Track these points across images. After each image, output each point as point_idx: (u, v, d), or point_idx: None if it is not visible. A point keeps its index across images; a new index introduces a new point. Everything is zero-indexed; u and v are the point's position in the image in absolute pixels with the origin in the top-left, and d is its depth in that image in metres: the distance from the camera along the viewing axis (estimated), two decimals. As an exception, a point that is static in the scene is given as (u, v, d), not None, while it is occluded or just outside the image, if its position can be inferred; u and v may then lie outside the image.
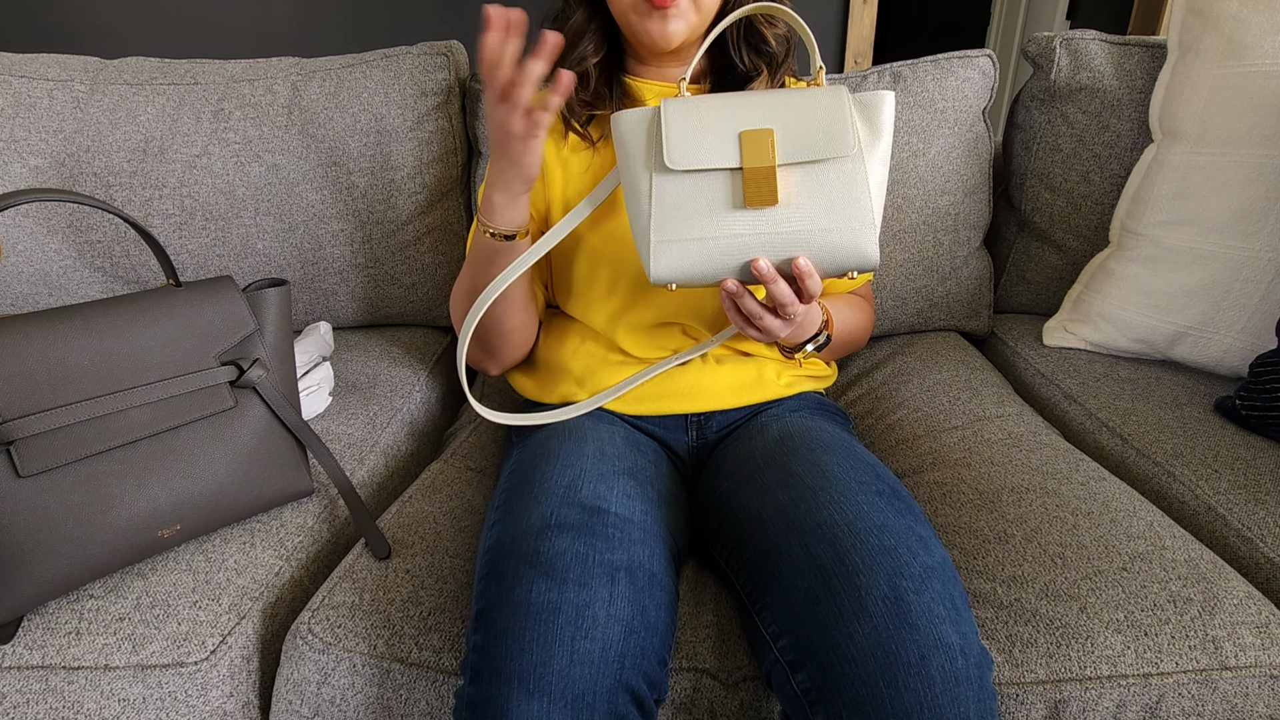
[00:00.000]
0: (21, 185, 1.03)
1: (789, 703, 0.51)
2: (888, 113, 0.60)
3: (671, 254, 0.60)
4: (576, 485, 0.59)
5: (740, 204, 0.59)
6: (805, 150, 0.58)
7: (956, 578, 0.52)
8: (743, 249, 0.59)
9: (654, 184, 0.60)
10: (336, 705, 0.60)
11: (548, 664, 0.48)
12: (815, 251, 0.59)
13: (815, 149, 0.58)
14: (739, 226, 0.59)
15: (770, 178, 0.58)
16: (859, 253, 0.59)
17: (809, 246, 0.58)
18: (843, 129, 0.58)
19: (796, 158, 0.58)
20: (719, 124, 0.59)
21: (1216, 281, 0.89)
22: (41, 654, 0.59)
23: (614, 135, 0.63)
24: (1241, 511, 0.70)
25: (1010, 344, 1.09)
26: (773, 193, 0.58)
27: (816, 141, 0.58)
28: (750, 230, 0.59)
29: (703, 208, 0.59)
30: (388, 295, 1.14)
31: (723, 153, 0.59)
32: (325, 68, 1.08)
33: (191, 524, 0.66)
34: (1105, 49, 1.04)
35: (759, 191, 0.58)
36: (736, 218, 0.59)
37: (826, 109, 0.59)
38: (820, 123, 0.59)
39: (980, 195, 1.08)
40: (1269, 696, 0.56)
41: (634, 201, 0.62)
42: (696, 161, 0.59)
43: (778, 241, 0.59)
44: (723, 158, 0.59)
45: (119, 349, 0.62)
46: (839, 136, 0.58)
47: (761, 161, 0.58)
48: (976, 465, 0.77)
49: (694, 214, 0.59)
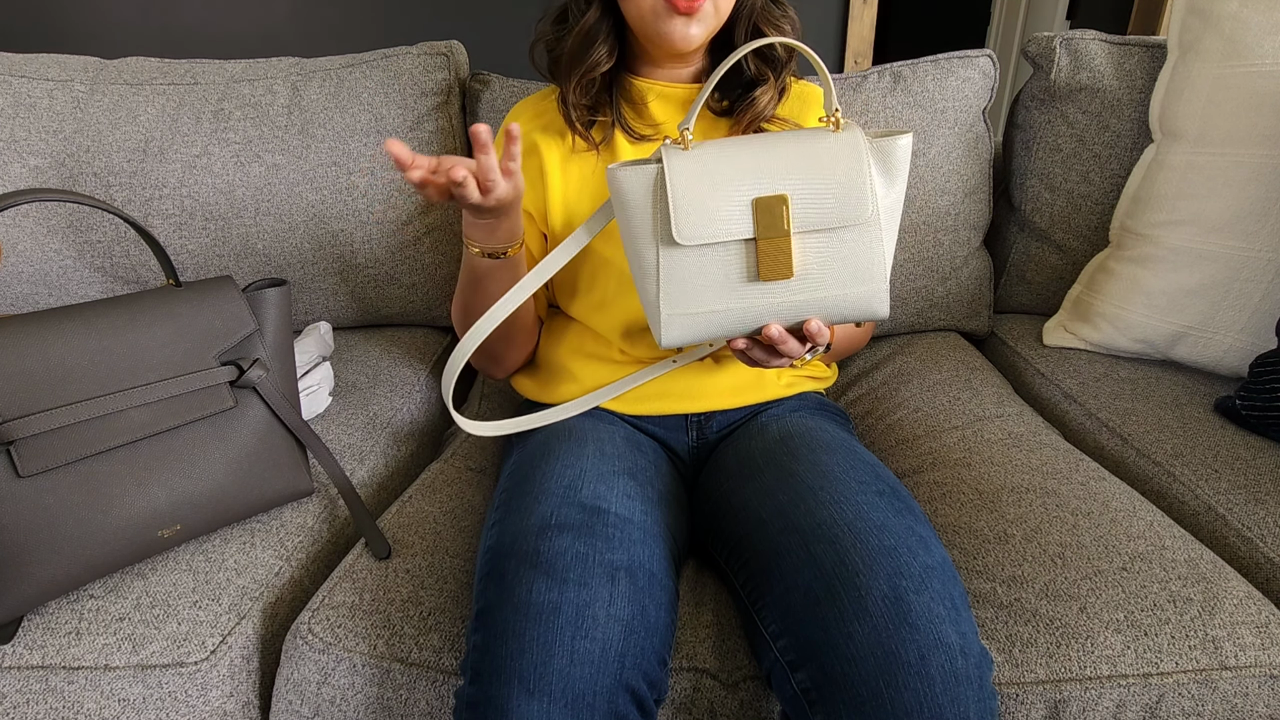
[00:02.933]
0: (21, 185, 1.03)
1: (789, 703, 0.51)
2: (904, 156, 0.57)
3: (681, 326, 0.58)
4: (577, 485, 0.59)
5: (754, 276, 0.56)
6: (820, 218, 0.55)
7: (956, 578, 0.52)
8: (756, 318, 0.58)
9: (661, 256, 0.57)
10: (336, 705, 0.60)
11: (548, 664, 0.48)
12: (826, 313, 0.58)
13: (831, 216, 0.55)
14: (752, 299, 0.57)
15: (785, 250, 0.55)
16: (871, 310, 0.58)
17: (821, 310, 0.57)
18: (861, 194, 0.55)
19: (812, 226, 0.56)
20: (729, 188, 0.55)
21: (1216, 281, 0.89)
22: (41, 654, 0.59)
23: (612, 193, 0.59)
24: (1241, 511, 0.70)
25: (1010, 344, 1.09)
26: (789, 266, 0.55)
27: (832, 208, 0.55)
28: (763, 300, 0.57)
29: (715, 281, 0.57)
30: (388, 295, 1.14)
31: (735, 223, 0.55)
32: (325, 68, 1.08)
33: (191, 524, 0.66)
34: (1105, 49, 1.04)
35: (774, 265, 0.55)
36: (749, 290, 0.57)
37: (845, 170, 0.55)
38: (837, 184, 0.55)
39: (980, 195, 1.08)
40: (1269, 696, 0.56)
41: (639, 269, 0.59)
42: (707, 235, 0.55)
43: (791, 310, 0.57)
44: (735, 229, 0.55)
45: (119, 349, 0.62)
46: (857, 202, 0.55)
47: (775, 232, 0.55)
48: (976, 465, 0.77)
49: (706, 288, 0.57)
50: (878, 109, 1.03)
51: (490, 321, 0.64)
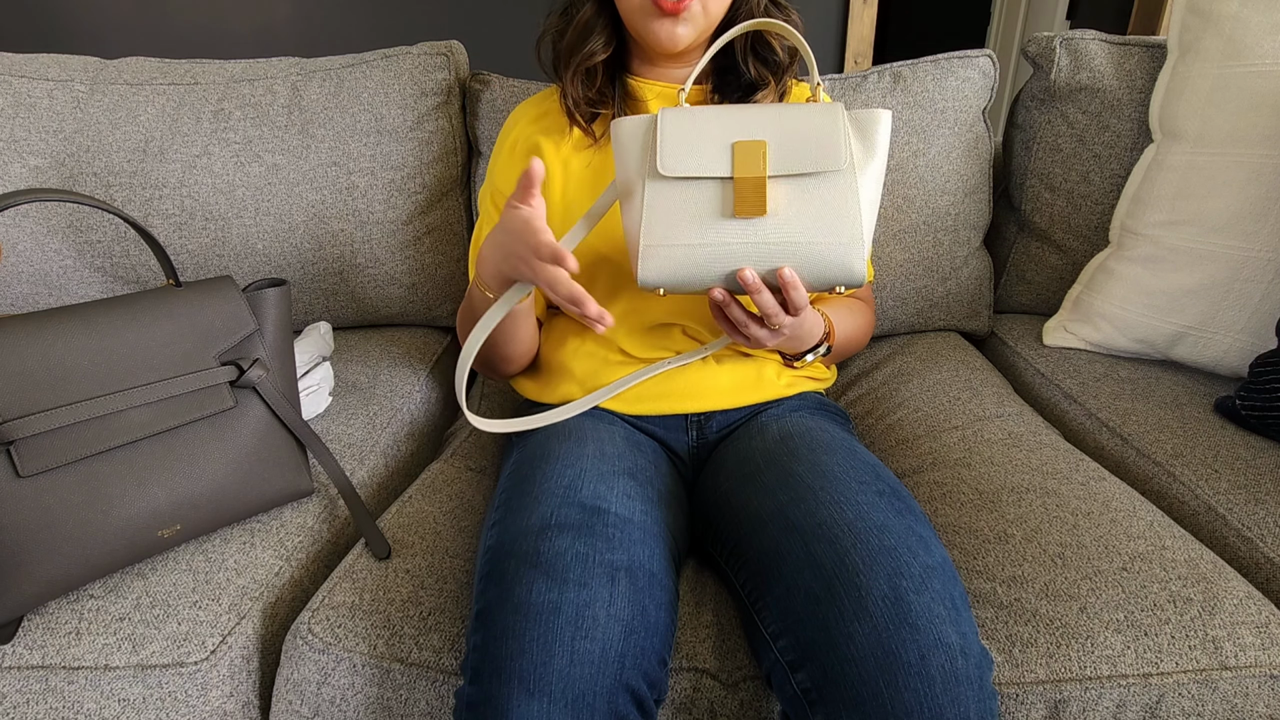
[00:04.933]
0: (21, 185, 1.03)
1: (789, 703, 0.51)
2: (883, 131, 0.61)
3: (659, 259, 0.60)
4: (576, 485, 0.59)
5: (729, 213, 0.59)
6: (796, 163, 0.59)
7: (956, 578, 0.52)
8: (730, 257, 0.59)
9: (646, 189, 0.61)
10: (336, 705, 0.60)
11: (548, 664, 0.48)
12: (801, 263, 0.59)
13: (806, 162, 0.59)
14: (727, 235, 0.59)
15: (760, 188, 0.58)
16: (845, 267, 0.59)
17: (795, 258, 0.59)
18: (835, 143, 0.59)
19: (787, 170, 0.59)
20: (713, 134, 0.60)
21: (1216, 281, 0.89)
22: (41, 654, 0.59)
23: (613, 140, 0.63)
24: (1241, 511, 0.70)
25: (1010, 344, 1.09)
26: (761, 203, 0.58)
27: (808, 154, 0.59)
28: (738, 239, 0.59)
29: (692, 215, 0.60)
30: (388, 295, 1.14)
31: (715, 162, 0.59)
32: (325, 68, 1.08)
33: (191, 524, 0.66)
34: (1105, 49, 1.04)
35: (748, 201, 0.59)
36: (725, 226, 0.59)
37: (821, 124, 0.59)
38: (813, 136, 0.59)
39: (980, 195, 1.08)
40: (1269, 696, 0.56)
41: (627, 206, 0.63)
42: (688, 169, 0.60)
43: (764, 251, 0.59)
44: (715, 167, 0.59)
45: (119, 349, 0.62)
46: (831, 150, 0.59)
47: (752, 172, 0.58)
48: (976, 465, 0.77)
49: (683, 221, 0.60)
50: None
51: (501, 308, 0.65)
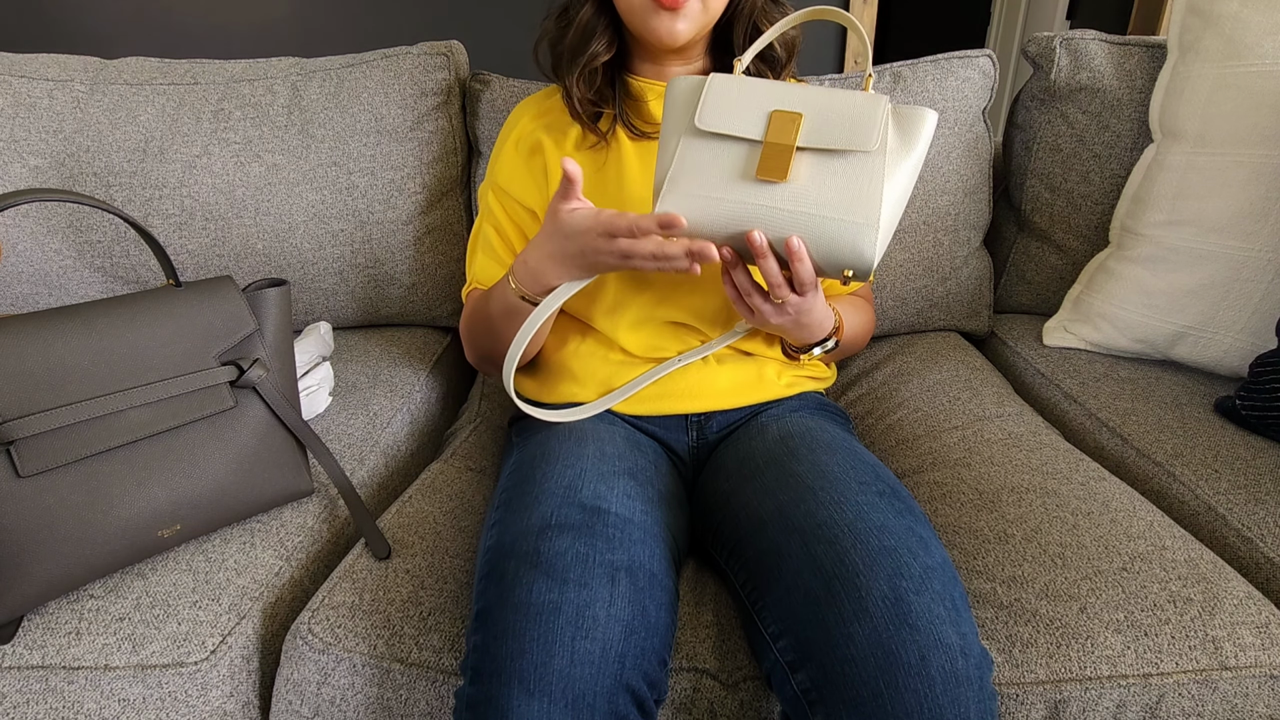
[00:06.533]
0: (21, 185, 1.03)
1: (789, 703, 0.51)
2: (926, 129, 0.61)
3: (678, 200, 0.61)
4: (577, 485, 0.59)
5: (752, 175, 0.60)
6: (827, 138, 0.60)
7: (956, 578, 0.52)
8: (743, 216, 0.60)
9: (682, 143, 0.63)
10: (336, 705, 0.60)
11: (548, 664, 0.48)
12: (811, 237, 0.59)
13: (837, 138, 0.60)
14: (745, 195, 0.60)
15: (786, 155, 0.59)
16: (856, 250, 0.59)
17: (806, 230, 0.59)
18: (869, 126, 0.59)
19: (817, 143, 0.60)
20: (756, 101, 0.62)
21: (1216, 281, 0.89)
22: (41, 654, 0.59)
23: (666, 94, 0.66)
24: (1241, 511, 0.70)
25: (1010, 344, 1.09)
26: (784, 168, 0.59)
27: (840, 132, 0.60)
28: (754, 200, 0.60)
29: (718, 171, 0.61)
30: (388, 295, 1.14)
31: (750, 125, 0.61)
32: (325, 68, 1.08)
33: (191, 524, 0.66)
34: (1105, 49, 1.04)
35: (771, 165, 0.60)
36: (745, 187, 0.60)
37: (861, 107, 0.60)
38: (850, 116, 0.60)
39: (980, 195, 1.08)
40: (1269, 696, 0.56)
41: (662, 157, 0.64)
42: (723, 126, 0.61)
43: (777, 218, 0.59)
44: (749, 129, 0.61)
45: (119, 349, 0.61)
46: (863, 132, 0.59)
47: (783, 139, 0.60)
48: (976, 465, 0.77)
49: (708, 174, 0.61)
50: (878, 109, 1.03)
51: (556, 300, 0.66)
